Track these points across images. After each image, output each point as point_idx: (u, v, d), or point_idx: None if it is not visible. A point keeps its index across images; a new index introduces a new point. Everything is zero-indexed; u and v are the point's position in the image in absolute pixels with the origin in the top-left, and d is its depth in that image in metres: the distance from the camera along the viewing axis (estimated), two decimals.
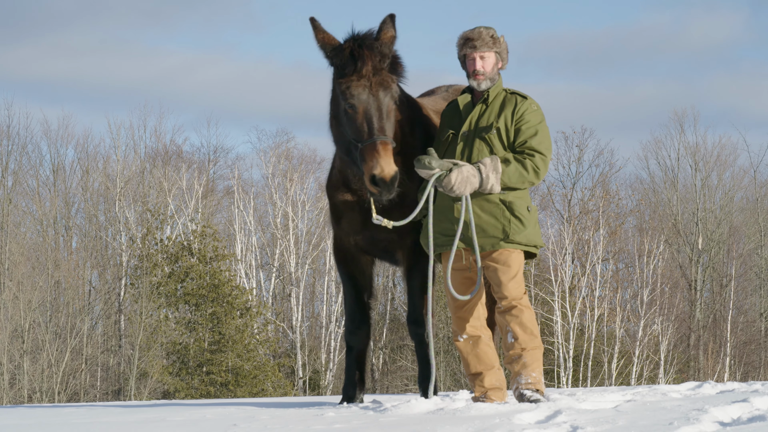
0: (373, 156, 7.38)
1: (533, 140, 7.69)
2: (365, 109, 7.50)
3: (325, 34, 7.67)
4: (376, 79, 7.55)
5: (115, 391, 44.53)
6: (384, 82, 7.56)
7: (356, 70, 7.53)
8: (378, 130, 7.45)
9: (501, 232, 7.67)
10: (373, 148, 7.39)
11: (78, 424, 7.56)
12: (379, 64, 7.57)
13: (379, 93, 7.54)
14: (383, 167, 7.35)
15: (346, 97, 7.54)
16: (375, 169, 7.36)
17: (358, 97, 7.51)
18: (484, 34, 7.76)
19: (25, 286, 43.33)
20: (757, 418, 6.53)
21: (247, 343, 38.99)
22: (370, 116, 7.48)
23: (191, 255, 40.20)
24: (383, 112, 7.52)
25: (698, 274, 52.81)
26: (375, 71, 7.55)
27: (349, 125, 7.56)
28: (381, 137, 7.42)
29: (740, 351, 49.88)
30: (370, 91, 7.52)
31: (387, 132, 7.48)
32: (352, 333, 8.25)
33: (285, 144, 55.80)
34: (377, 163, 7.36)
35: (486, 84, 7.82)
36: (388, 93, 7.57)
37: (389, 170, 7.35)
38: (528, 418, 6.82)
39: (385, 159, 7.37)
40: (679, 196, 55.61)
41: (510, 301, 7.71)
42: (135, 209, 50.46)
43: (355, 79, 7.53)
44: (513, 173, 7.61)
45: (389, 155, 7.40)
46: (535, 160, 7.66)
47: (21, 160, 52.81)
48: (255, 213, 51.34)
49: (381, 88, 7.54)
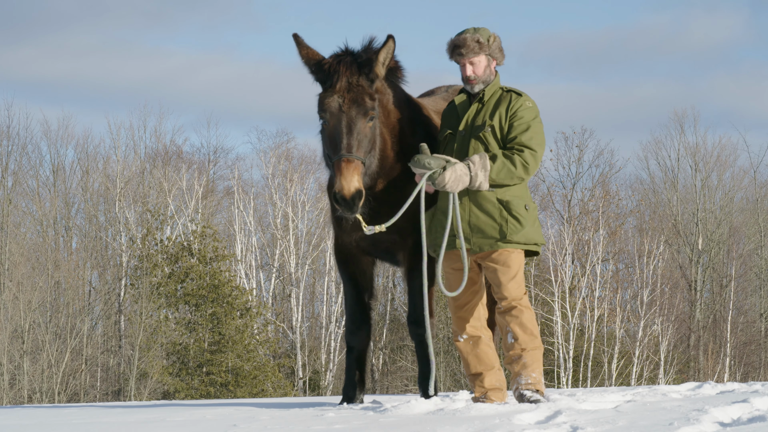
0: (336, 173, 7.43)
1: (524, 136, 7.71)
2: (335, 125, 7.53)
3: (309, 49, 7.72)
4: (350, 96, 7.54)
5: (115, 391, 44.53)
6: (357, 99, 7.54)
7: (331, 85, 7.56)
8: (344, 147, 7.46)
9: (498, 233, 7.68)
10: (338, 166, 7.44)
11: (78, 424, 7.56)
12: (357, 80, 7.57)
13: (350, 110, 7.53)
14: (342, 185, 7.37)
15: (320, 111, 7.60)
16: (336, 186, 7.41)
17: (329, 111, 7.55)
18: (470, 41, 7.78)
19: (25, 286, 43.32)
20: (757, 418, 6.53)
21: (247, 343, 38.99)
22: (339, 132, 7.50)
23: (191, 255, 40.19)
24: (353, 129, 7.51)
25: (698, 275, 52.80)
26: (349, 88, 7.56)
27: (323, 139, 7.66)
28: (345, 155, 7.43)
29: (740, 351, 49.88)
30: (340, 107, 7.53)
31: (354, 149, 7.47)
32: (353, 333, 8.25)
33: (285, 144, 55.86)
34: (338, 180, 7.40)
35: (479, 87, 7.86)
36: (360, 110, 7.54)
37: (348, 189, 7.36)
38: (528, 418, 6.82)
39: (346, 177, 7.38)
40: (679, 196, 55.60)
41: (510, 301, 7.71)
42: (135, 210, 50.46)
43: (328, 94, 7.57)
44: (501, 170, 7.62)
45: (351, 173, 7.40)
46: (524, 155, 7.67)
47: (21, 160, 52.84)
48: (255, 213, 51.35)
49: (353, 105, 7.54)
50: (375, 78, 7.64)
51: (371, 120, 7.60)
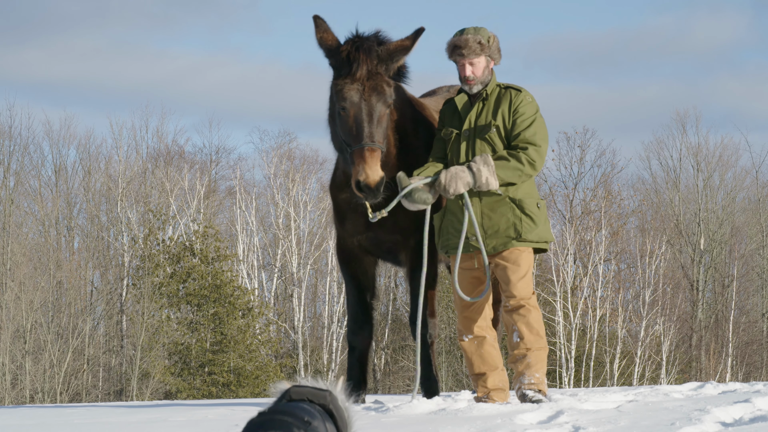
0: (359, 162, 7.41)
1: (527, 132, 7.71)
2: (356, 114, 7.50)
3: (326, 33, 7.63)
4: (370, 84, 7.53)
5: (117, 391, 44.54)
6: (377, 87, 7.54)
7: (350, 72, 7.53)
8: (367, 136, 7.45)
9: (513, 231, 7.69)
10: (360, 154, 7.42)
11: (80, 424, 7.56)
12: (376, 68, 7.56)
13: (371, 98, 7.52)
14: (368, 174, 7.37)
15: (338, 99, 7.54)
16: (360, 175, 7.39)
17: (349, 100, 7.51)
18: (471, 42, 7.77)
19: (27, 286, 43.33)
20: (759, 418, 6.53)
21: (249, 343, 39.01)
22: (360, 121, 7.48)
23: (193, 255, 40.21)
24: (373, 118, 7.51)
25: (700, 275, 52.78)
26: (369, 75, 7.54)
27: (341, 127, 7.58)
28: (369, 143, 7.43)
29: (742, 351, 49.85)
30: (362, 95, 7.51)
31: (376, 138, 7.47)
32: (355, 333, 8.25)
33: (287, 144, 55.85)
34: (362, 169, 7.38)
35: (477, 87, 7.85)
36: (380, 98, 7.54)
37: (374, 177, 7.37)
38: (530, 418, 6.82)
39: (371, 166, 7.39)
40: (681, 196, 55.57)
41: (518, 300, 7.71)
42: (137, 210, 50.46)
43: (348, 82, 7.53)
44: (508, 167, 7.62)
45: (375, 162, 7.41)
46: (529, 152, 7.66)
47: (23, 160, 52.83)
48: (257, 213, 51.35)
49: (374, 93, 7.53)
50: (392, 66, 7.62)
51: (389, 108, 7.62)
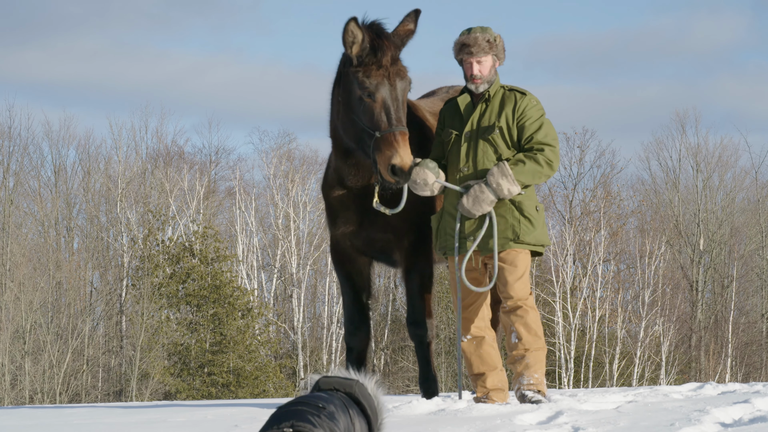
0: (393, 146, 7.43)
1: (539, 134, 7.75)
2: (384, 99, 7.55)
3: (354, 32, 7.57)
4: (394, 69, 7.62)
5: (117, 392, 44.53)
6: (401, 73, 7.64)
7: (376, 60, 7.57)
8: (396, 120, 7.51)
9: (512, 233, 7.71)
10: (393, 139, 7.45)
11: (79, 424, 7.56)
12: (396, 54, 7.65)
13: (397, 83, 7.60)
14: (403, 157, 7.42)
15: (364, 86, 7.56)
16: (395, 159, 7.41)
17: (377, 86, 7.56)
18: (480, 40, 7.79)
19: (26, 287, 43.32)
20: (758, 419, 6.54)
21: (248, 344, 39.00)
22: (389, 106, 7.54)
23: (193, 256, 40.21)
24: (400, 103, 7.59)
25: (699, 275, 52.77)
26: (393, 61, 7.62)
27: (365, 114, 7.56)
28: (399, 127, 7.48)
29: (741, 352, 49.85)
30: (389, 81, 7.57)
31: (404, 122, 7.55)
32: (352, 334, 8.24)
33: (287, 145, 55.85)
34: (397, 152, 7.42)
35: (483, 87, 7.87)
36: (404, 83, 7.66)
37: (408, 160, 7.43)
38: (529, 419, 6.82)
39: (404, 149, 7.44)
40: (681, 197, 55.56)
41: (516, 301, 7.71)
42: (136, 210, 50.44)
43: (374, 69, 7.57)
44: (528, 171, 7.66)
45: (407, 145, 7.48)
46: (546, 153, 7.72)
47: (22, 161, 52.82)
48: (256, 214, 51.34)
49: (398, 78, 7.62)
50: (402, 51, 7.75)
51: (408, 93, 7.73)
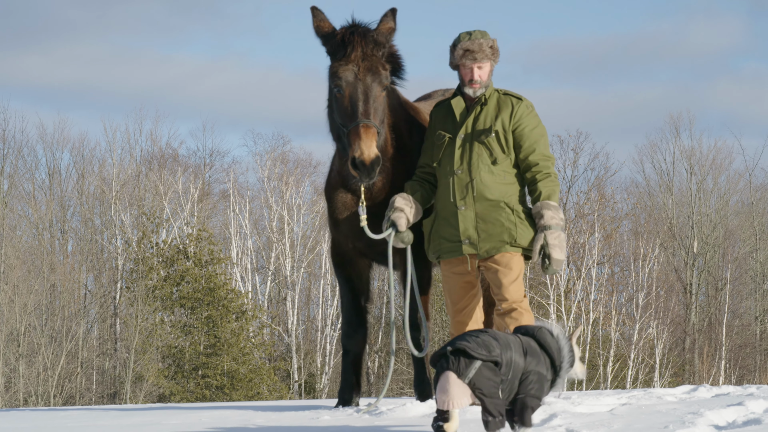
0: (355, 139, 7.43)
1: (540, 145, 7.81)
2: (350, 93, 7.56)
3: (323, 21, 7.74)
4: (365, 65, 7.60)
5: (111, 394, 44.47)
6: (372, 68, 7.61)
7: (345, 54, 7.59)
8: (362, 113, 7.50)
9: (508, 236, 7.72)
10: (356, 132, 7.44)
11: (74, 427, 7.56)
12: (371, 51, 7.63)
13: (366, 78, 7.58)
14: (363, 150, 7.39)
15: (333, 81, 7.61)
16: (355, 152, 7.40)
17: (344, 80, 7.58)
18: (485, 46, 7.83)
19: (20, 289, 43.26)
20: (752, 421, 6.55)
21: (242, 346, 38.98)
22: (355, 100, 7.54)
23: (187, 258, 40.18)
24: (369, 97, 7.56)
25: (693, 278, 52.82)
26: (364, 57, 7.61)
27: (337, 109, 7.63)
28: (363, 120, 7.46)
29: (735, 354, 49.89)
30: (356, 75, 7.58)
31: (371, 116, 7.50)
32: (349, 336, 8.25)
33: (281, 148, 55.86)
34: (357, 146, 7.40)
35: (481, 91, 7.89)
36: (375, 78, 7.61)
37: (369, 153, 7.38)
38: None
39: (366, 142, 7.40)
40: (675, 199, 55.62)
41: (510, 303, 7.72)
42: (131, 213, 50.39)
43: (343, 63, 7.60)
44: (557, 191, 7.78)
45: (371, 138, 7.43)
46: (551, 167, 7.81)
47: (17, 163, 52.81)
48: (251, 216, 51.33)
49: (369, 73, 7.59)
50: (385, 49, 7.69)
51: (384, 90, 7.67)
